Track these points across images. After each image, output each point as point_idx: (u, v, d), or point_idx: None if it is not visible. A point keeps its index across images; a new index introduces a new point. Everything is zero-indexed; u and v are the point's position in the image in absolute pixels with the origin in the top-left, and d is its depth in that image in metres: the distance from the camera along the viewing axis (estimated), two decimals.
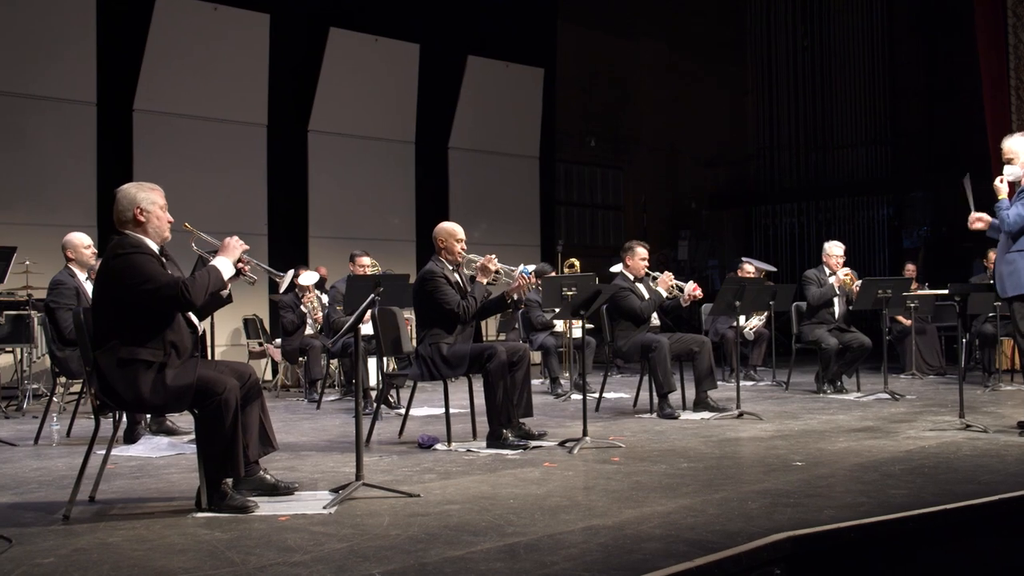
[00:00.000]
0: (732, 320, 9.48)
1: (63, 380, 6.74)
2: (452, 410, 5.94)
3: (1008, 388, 9.02)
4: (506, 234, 13.60)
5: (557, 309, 7.48)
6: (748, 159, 18.93)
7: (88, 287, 6.44)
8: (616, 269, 7.63)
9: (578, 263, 10.22)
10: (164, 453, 5.62)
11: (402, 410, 6.79)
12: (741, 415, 6.87)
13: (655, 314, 7.45)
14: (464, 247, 6.04)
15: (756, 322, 10.19)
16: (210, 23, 11.18)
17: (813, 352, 8.83)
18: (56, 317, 6.35)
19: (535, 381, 8.22)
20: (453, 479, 4.65)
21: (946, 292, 8.92)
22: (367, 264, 8.59)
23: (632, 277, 7.44)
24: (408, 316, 7.84)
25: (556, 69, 14.97)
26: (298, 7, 11.95)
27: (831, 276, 8.60)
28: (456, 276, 6.00)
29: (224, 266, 4.19)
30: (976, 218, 6.03)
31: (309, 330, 9.36)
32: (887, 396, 8.05)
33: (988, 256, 9.39)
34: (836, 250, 8.70)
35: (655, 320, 7.49)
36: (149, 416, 6.17)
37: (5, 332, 8.09)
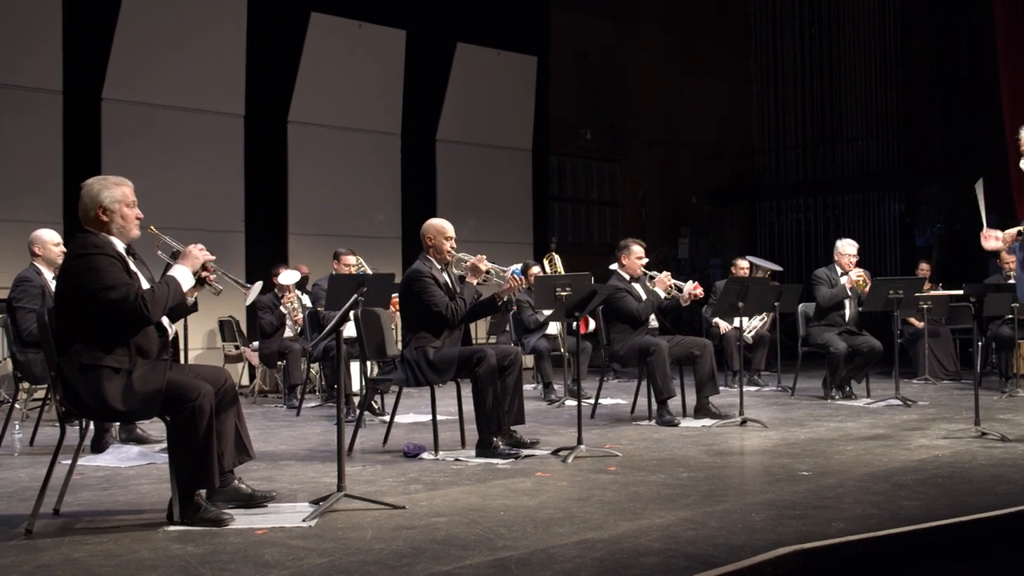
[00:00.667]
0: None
1: (26, 385, 6.71)
2: (439, 417, 5.95)
3: None
4: (497, 231, 13.59)
5: (549, 311, 7.47)
6: (752, 152, 18.98)
7: (54, 286, 6.41)
8: (613, 268, 7.63)
9: (558, 258, 9.67)
10: (134, 463, 5.60)
11: (386, 417, 6.79)
12: (744, 422, 6.88)
13: (653, 316, 7.46)
14: (454, 245, 6.04)
15: (757, 323, 10.18)
16: (183, 6, 11.14)
17: (820, 356, 8.85)
18: (17, 317, 6.33)
19: (527, 386, 8.21)
20: (440, 490, 4.66)
21: (961, 293, 8.91)
22: (352, 264, 8.59)
23: (628, 277, 7.46)
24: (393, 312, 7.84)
25: (550, 57, 14.97)
26: None
27: (843, 276, 8.61)
28: (444, 276, 6.00)
29: (183, 276, 4.16)
30: (990, 235, 5.81)
31: (289, 332, 9.34)
32: (898, 402, 8.07)
33: (1003, 256, 9.41)
34: (849, 249, 8.71)
35: (653, 322, 7.50)
36: (118, 423, 6.15)
37: None
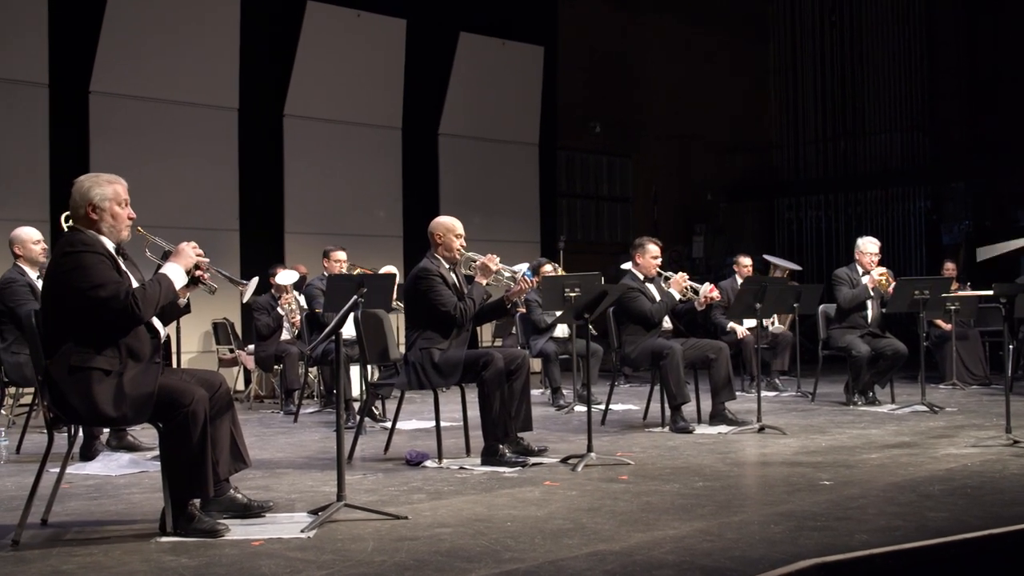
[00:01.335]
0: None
1: (12, 391, 6.73)
2: (443, 423, 5.95)
3: None
4: (502, 229, 13.57)
5: (558, 312, 7.46)
6: (770, 146, 18.96)
7: (40, 285, 6.44)
8: (627, 267, 7.62)
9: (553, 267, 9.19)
10: (125, 471, 5.61)
11: (388, 423, 6.80)
12: (762, 429, 6.88)
13: (667, 318, 7.45)
14: (463, 244, 6.05)
15: (772, 325, 10.16)
16: None
17: (842, 360, 8.84)
18: (19, 315, 6.35)
19: (535, 391, 8.20)
20: (444, 499, 4.66)
21: (990, 293, 8.90)
22: (343, 259, 8.60)
23: (642, 277, 7.45)
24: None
25: (557, 47, 14.96)
26: None
27: (864, 276, 8.59)
28: (452, 276, 6.00)
29: (175, 274, 4.17)
30: None
31: (286, 335, 9.36)
32: (925, 408, 8.06)
33: None
34: (870, 247, 8.70)
35: (667, 324, 7.49)
36: (108, 430, 6.17)
37: None
